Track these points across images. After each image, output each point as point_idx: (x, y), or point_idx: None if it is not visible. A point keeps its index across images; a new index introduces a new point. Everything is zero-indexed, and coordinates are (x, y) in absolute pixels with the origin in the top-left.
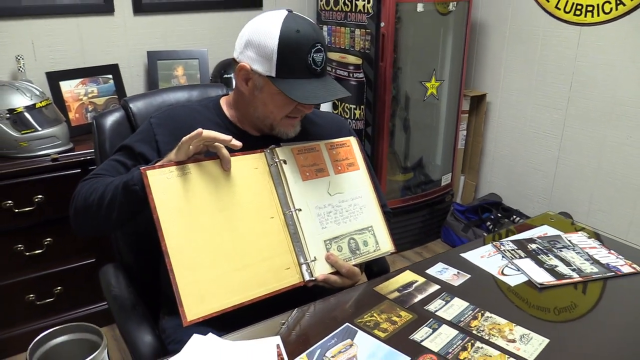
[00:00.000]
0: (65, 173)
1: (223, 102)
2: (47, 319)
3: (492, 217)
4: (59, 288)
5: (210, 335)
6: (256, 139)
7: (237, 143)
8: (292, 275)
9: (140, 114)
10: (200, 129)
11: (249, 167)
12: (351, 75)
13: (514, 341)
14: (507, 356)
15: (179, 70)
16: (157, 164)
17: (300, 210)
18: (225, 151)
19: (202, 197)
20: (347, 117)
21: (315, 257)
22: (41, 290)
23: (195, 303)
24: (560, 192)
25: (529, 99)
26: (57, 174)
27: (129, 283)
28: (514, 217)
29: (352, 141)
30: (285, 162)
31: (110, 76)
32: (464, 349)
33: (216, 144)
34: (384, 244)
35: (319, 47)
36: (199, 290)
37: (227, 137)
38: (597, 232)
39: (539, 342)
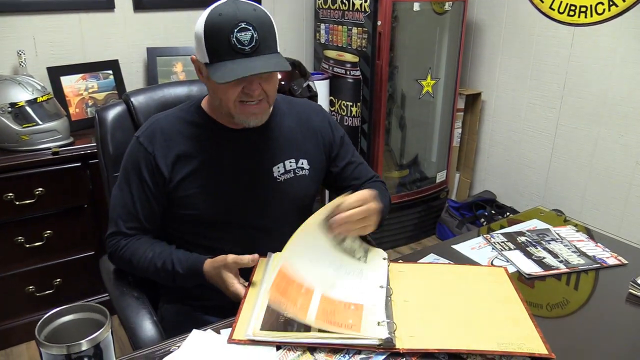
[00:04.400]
0: (65, 167)
1: (204, 102)
2: (47, 310)
3: (486, 213)
4: (59, 280)
5: (209, 331)
6: (236, 133)
7: (251, 261)
8: None
9: (141, 108)
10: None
11: None
12: (348, 72)
13: None
14: None
15: (178, 67)
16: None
17: None
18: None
19: None
20: (343, 114)
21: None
22: (41, 282)
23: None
24: (553, 190)
25: (524, 97)
26: (57, 168)
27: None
28: (508, 214)
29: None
30: None
31: (111, 71)
32: None
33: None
34: None
35: (243, 25)
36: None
37: (247, 260)
38: (589, 227)
39: None
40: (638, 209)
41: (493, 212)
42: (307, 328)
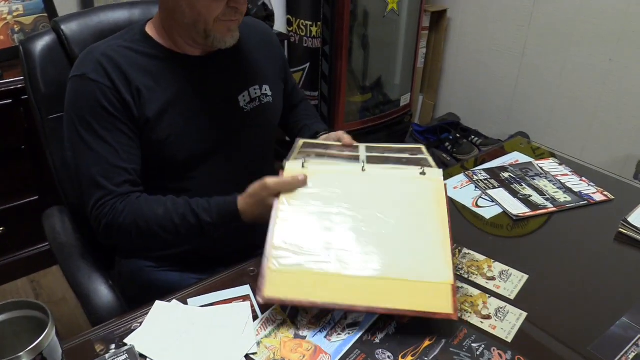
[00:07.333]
0: None
1: (150, 28)
2: None
3: (451, 137)
4: (2, 229)
5: (175, 302)
6: (200, 61)
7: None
8: None
9: (74, 37)
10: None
11: None
12: None
13: (493, 279)
14: (487, 295)
15: None
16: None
17: None
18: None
19: None
20: (302, 34)
21: None
22: None
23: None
24: (518, 112)
25: (491, 14)
26: None
27: (77, 228)
28: (472, 137)
29: None
30: None
31: None
32: None
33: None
34: None
35: None
36: None
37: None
38: (554, 151)
39: (518, 279)
40: (602, 132)
41: (458, 135)
42: None
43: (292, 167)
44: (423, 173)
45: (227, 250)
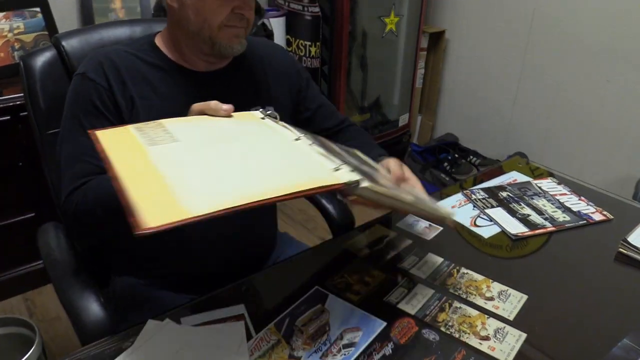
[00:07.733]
0: None
1: (158, 40)
2: None
3: (450, 157)
4: None
5: (167, 321)
6: (203, 78)
7: (227, 107)
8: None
9: (75, 53)
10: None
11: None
12: (306, 9)
13: (492, 299)
14: (486, 316)
15: (116, 3)
16: None
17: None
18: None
19: None
20: (301, 54)
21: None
22: None
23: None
24: (516, 133)
25: (489, 36)
26: None
27: (72, 244)
28: (471, 157)
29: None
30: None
31: (39, 9)
32: (442, 309)
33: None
34: None
35: None
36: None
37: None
38: (553, 171)
39: (517, 299)
40: (600, 152)
41: (456, 155)
42: None
43: (249, 113)
44: (338, 169)
45: (221, 269)
